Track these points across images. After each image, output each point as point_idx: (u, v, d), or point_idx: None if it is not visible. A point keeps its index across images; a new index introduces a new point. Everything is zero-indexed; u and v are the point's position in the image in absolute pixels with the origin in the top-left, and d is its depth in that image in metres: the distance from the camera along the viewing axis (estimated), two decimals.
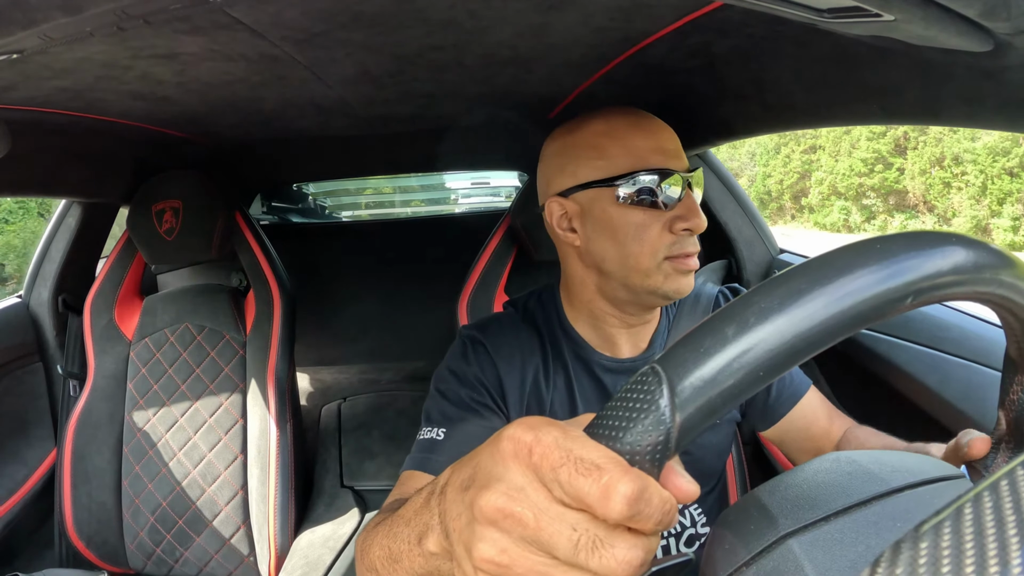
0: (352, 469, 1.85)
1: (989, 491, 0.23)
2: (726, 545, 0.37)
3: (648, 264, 0.76)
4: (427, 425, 0.80)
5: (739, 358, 0.30)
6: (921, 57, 0.59)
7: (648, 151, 0.76)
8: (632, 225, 0.75)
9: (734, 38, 0.82)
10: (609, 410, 0.32)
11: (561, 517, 0.30)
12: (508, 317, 0.91)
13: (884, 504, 0.35)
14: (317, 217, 2.97)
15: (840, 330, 0.30)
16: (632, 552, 0.29)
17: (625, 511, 0.28)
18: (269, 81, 0.93)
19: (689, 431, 0.30)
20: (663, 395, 0.30)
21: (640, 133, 0.77)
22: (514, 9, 0.69)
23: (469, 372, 0.83)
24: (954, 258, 0.32)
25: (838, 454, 0.41)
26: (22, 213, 10.11)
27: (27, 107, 0.93)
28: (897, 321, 1.04)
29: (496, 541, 0.31)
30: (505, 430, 0.32)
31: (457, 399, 0.81)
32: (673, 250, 0.75)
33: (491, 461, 0.33)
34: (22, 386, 1.52)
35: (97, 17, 0.57)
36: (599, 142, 0.77)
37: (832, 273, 0.31)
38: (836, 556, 0.33)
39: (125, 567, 1.44)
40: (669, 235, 0.75)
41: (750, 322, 0.30)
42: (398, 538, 0.46)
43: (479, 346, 0.85)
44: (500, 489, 0.31)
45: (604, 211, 0.77)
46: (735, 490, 1.21)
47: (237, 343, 1.50)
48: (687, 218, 0.75)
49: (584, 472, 0.29)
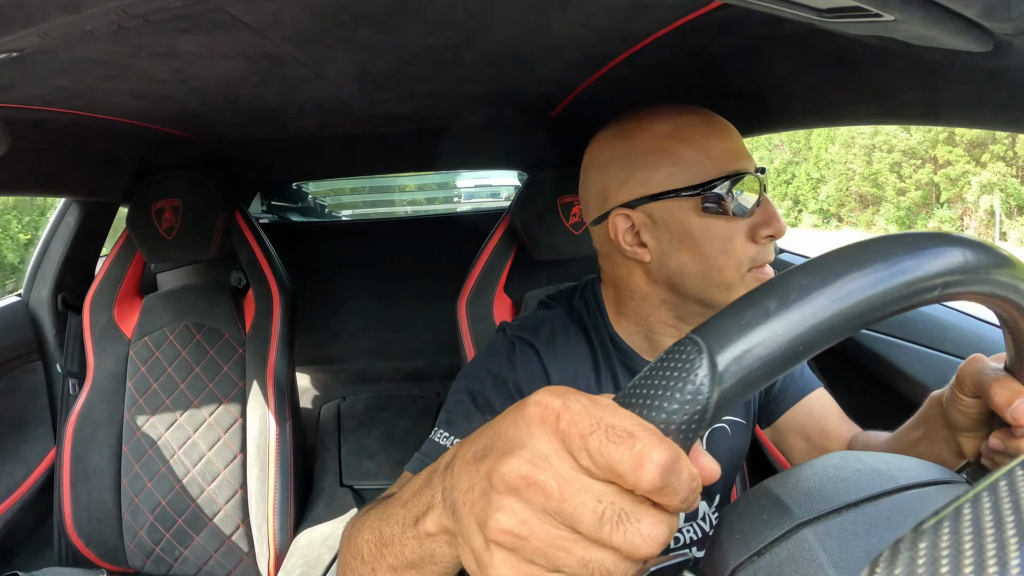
0: (351, 468, 1.85)
1: (988, 492, 0.23)
2: (736, 534, 0.37)
3: (733, 277, 0.69)
4: (445, 429, 0.73)
5: (781, 333, 0.30)
6: (921, 57, 0.59)
7: (725, 154, 0.69)
8: (717, 237, 0.69)
9: (734, 38, 0.81)
10: (644, 379, 0.31)
11: (587, 488, 0.28)
12: (558, 319, 0.82)
13: (895, 500, 0.35)
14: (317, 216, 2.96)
15: (876, 312, 0.31)
16: (658, 528, 0.28)
17: (658, 480, 0.27)
18: (269, 80, 0.93)
19: (726, 404, 0.30)
20: (703, 365, 0.29)
21: (714, 135, 0.70)
22: (514, 9, 0.69)
23: (511, 378, 0.76)
24: (954, 258, 0.33)
25: (845, 452, 0.41)
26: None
27: (27, 106, 0.93)
28: (897, 321, 1.04)
29: (516, 511, 0.29)
30: (531, 397, 0.31)
31: (486, 406, 0.74)
32: (756, 260, 0.69)
33: (514, 427, 0.31)
34: (21, 385, 1.52)
35: (97, 16, 0.56)
36: (669, 146, 0.70)
37: (869, 258, 0.32)
38: (850, 547, 0.33)
39: (124, 566, 1.44)
40: (753, 245, 0.69)
41: (792, 297, 0.31)
42: (391, 520, 0.43)
43: (529, 350, 0.78)
44: (524, 456, 0.29)
45: (683, 223, 0.69)
46: (735, 490, 1.21)
47: (236, 342, 1.50)
48: (770, 224, 0.69)
49: (616, 440, 0.27)
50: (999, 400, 0.45)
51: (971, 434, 0.53)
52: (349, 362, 2.34)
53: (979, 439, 0.52)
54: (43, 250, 1.58)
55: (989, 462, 0.50)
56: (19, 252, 3.96)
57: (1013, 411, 0.44)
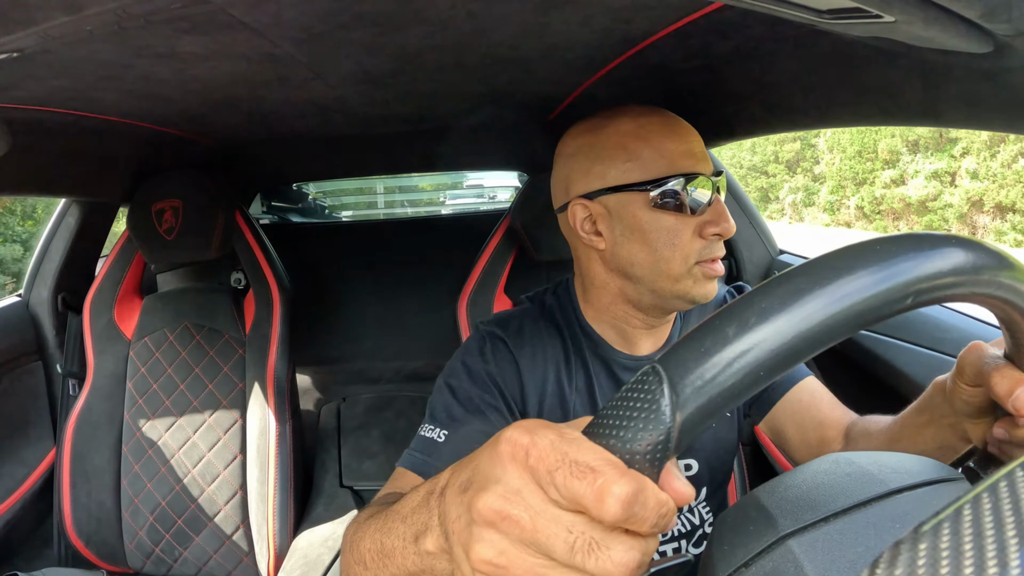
0: (351, 469, 1.85)
1: (988, 493, 0.23)
2: (725, 546, 0.37)
3: (679, 269, 0.75)
4: (430, 423, 0.79)
5: (740, 358, 0.30)
6: (921, 58, 0.59)
7: (680, 155, 0.75)
8: (664, 230, 0.74)
9: (734, 39, 0.81)
10: (610, 409, 0.32)
11: (557, 519, 0.30)
12: (528, 313, 0.89)
13: (883, 505, 0.35)
14: (317, 217, 2.96)
15: (840, 330, 0.30)
16: (629, 554, 0.29)
17: (620, 513, 0.28)
18: (269, 81, 0.93)
19: (689, 431, 0.30)
20: (664, 394, 0.30)
21: (671, 136, 0.76)
22: (514, 9, 0.69)
23: (484, 370, 0.81)
24: (953, 259, 0.32)
25: (837, 456, 0.41)
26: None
27: (27, 106, 0.93)
28: (897, 322, 1.04)
29: (494, 543, 0.31)
30: (503, 433, 0.33)
31: (466, 398, 0.79)
32: (703, 255, 0.75)
33: (489, 463, 0.33)
34: (21, 385, 1.52)
35: (97, 16, 0.57)
36: (629, 143, 0.76)
37: (832, 273, 0.31)
38: (835, 557, 0.33)
39: (124, 566, 1.44)
40: (699, 240, 0.75)
41: (751, 322, 0.30)
42: (392, 534, 0.46)
43: (500, 343, 0.84)
44: (497, 491, 0.31)
45: (634, 215, 0.75)
46: (735, 492, 1.21)
47: (236, 342, 1.50)
48: (717, 223, 0.74)
49: (579, 475, 0.29)
50: (1000, 390, 0.45)
51: (976, 420, 0.52)
52: (349, 363, 2.34)
53: (985, 425, 0.51)
54: (43, 250, 1.58)
55: (996, 450, 0.50)
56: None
57: (1014, 401, 0.44)
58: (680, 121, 0.78)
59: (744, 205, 1.51)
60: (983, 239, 0.36)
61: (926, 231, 0.34)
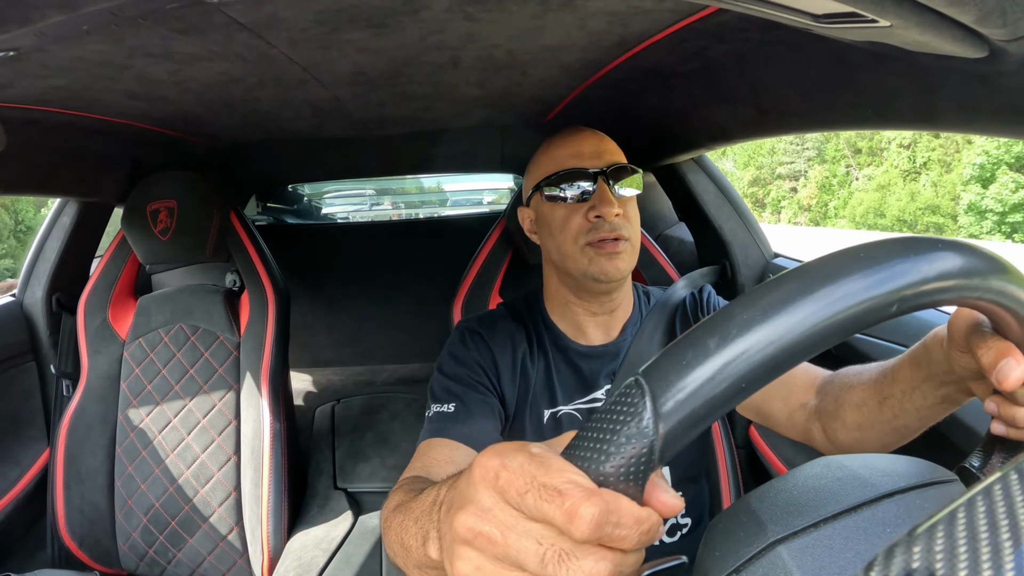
0: (346, 471, 1.84)
1: (983, 495, 0.23)
2: (716, 552, 0.37)
3: (571, 249, 0.89)
4: (435, 402, 0.88)
5: (721, 370, 0.30)
6: (916, 63, 0.59)
7: (565, 156, 0.90)
8: (558, 218, 0.90)
9: (729, 43, 0.82)
10: (594, 423, 0.32)
11: (528, 532, 0.31)
12: (500, 313, 1.03)
13: (873, 510, 0.35)
14: (312, 218, 2.96)
15: (823, 341, 0.30)
16: (599, 565, 0.29)
17: (589, 533, 0.29)
18: (265, 82, 0.93)
19: (673, 443, 0.30)
20: (646, 408, 0.30)
21: (561, 142, 0.92)
22: (510, 13, 0.69)
23: (467, 356, 0.93)
24: (941, 264, 0.32)
25: (828, 459, 0.41)
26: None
27: (23, 105, 0.93)
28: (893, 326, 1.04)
29: (471, 559, 0.33)
30: (478, 458, 0.34)
31: (457, 376, 0.91)
32: (590, 236, 0.87)
33: (466, 486, 0.35)
34: (15, 386, 1.51)
35: (93, 16, 0.56)
36: (540, 155, 0.95)
37: (814, 283, 0.31)
38: (825, 563, 0.33)
39: (118, 568, 1.43)
40: (586, 223, 0.88)
41: (732, 334, 0.30)
42: (407, 533, 0.51)
43: (476, 335, 0.96)
44: (471, 511, 0.33)
45: (540, 210, 0.94)
46: (728, 495, 1.21)
47: (231, 344, 1.50)
48: (598, 207, 0.86)
49: (547, 499, 0.30)
50: (985, 361, 0.44)
51: (979, 381, 0.52)
52: (344, 364, 2.33)
53: (989, 383, 0.48)
54: (38, 250, 1.57)
55: (1001, 428, 0.48)
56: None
57: (998, 374, 0.43)
58: (580, 130, 0.93)
59: (739, 208, 1.51)
60: (970, 241, 0.35)
61: (912, 236, 0.33)
